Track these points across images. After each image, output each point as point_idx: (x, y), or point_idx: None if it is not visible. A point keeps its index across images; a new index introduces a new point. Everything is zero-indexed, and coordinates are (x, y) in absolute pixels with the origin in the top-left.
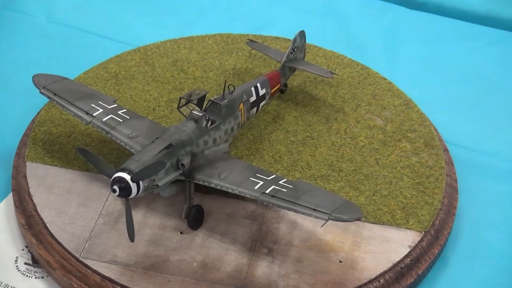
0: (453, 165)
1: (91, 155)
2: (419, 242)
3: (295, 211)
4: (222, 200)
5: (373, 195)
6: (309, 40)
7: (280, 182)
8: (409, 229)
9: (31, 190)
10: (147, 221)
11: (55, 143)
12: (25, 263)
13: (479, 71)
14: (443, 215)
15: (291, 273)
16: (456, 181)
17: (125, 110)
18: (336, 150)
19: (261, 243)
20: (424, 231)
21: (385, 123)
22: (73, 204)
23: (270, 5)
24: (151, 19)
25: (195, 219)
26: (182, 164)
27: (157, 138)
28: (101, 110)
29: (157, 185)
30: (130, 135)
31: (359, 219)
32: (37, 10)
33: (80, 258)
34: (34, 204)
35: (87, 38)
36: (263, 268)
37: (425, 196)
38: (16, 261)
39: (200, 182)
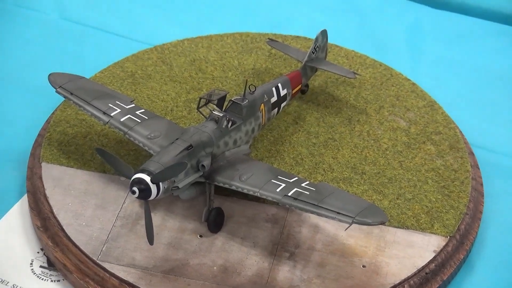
0: (478, 168)
1: (109, 155)
2: (444, 247)
3: (318, 214)
4: (242, 203)
5: (397, 198)
6: (330, 40)
7: (303, 185)
8: (434, 233)
9: (47, 192)
10: (166, 224)
11: (71, 143)
12: (41, 266)
13: (505, 72)
14: (469, 220)
15: (313, 278)
16: (481, 184)
17: (143, 110)
18: (359, 152)
19: (282, 247)
20: (449, 236)
21: (409, 125)
22: (90, 206)
23: (289, 2)
24: (168, 16)
25: (215, 222)
26: (203, 166)
27: (177, 139)
28: (118, 110)
29: (177, 187)
30: (149, 136)
31: (383, 223)
32: (49, 7)
33: (97, 261)
34: (50, 206)
35: (102, 36)
36: (284, 273)
37: (450, 200)
38: (31, 264)
39: (221, 184)
